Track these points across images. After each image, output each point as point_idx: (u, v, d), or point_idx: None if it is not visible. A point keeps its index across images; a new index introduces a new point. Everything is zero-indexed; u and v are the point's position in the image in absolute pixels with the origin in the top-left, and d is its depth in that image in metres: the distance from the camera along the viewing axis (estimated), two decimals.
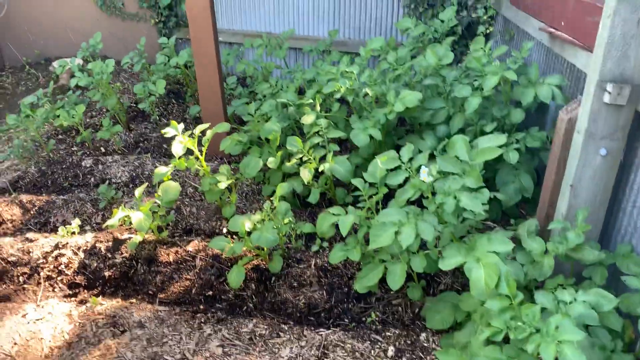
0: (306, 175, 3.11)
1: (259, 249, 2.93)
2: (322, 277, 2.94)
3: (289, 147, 3.27)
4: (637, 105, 2.42)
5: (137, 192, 3.07)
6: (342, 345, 2.54)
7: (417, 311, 2.80)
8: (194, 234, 3.41)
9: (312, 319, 2.78)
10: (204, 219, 3.46)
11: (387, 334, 2.64)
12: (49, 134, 4.70)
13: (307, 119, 3.40)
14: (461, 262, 2.21)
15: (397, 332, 2.65)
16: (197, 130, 3.25)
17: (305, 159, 3.24)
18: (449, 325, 2.58)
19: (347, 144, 4.24)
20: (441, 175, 2.45)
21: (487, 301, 2.03)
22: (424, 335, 2.63)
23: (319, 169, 3.14)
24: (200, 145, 3.33)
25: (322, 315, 2.80)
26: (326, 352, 2.50)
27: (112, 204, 3.55)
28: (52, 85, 4.46)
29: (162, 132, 3.27)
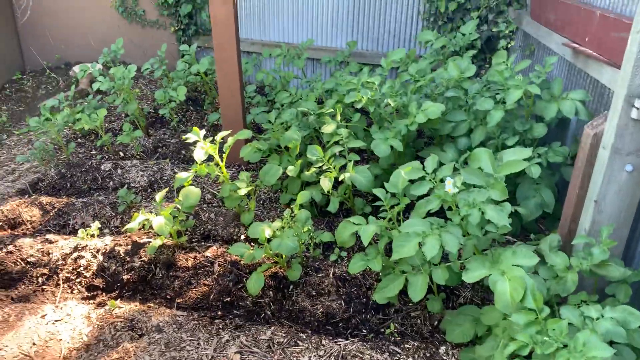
0: (326, 184, 3.11)
1: (277, 256, 2.93)
2: (340, 286, 2.93)
3: (309, 156, 3.27)
4: None
5: (158, 196, 3.08)
6: (361, 356, 2.52)
7: (436, 324, 2.78)
8: (212, 240, 3.41)
9: (330, 329, 2.76)
10: (222, 225, 3.46)
11: (406, 346, 2.62)
12: (68, 137, 4.74)
13: (328, 128, 3.41)
14: (485, 275, 2.19)
15: (416, 344, 2.62)
16: (219, 136, 3.26)
17: (325, 167, 3.24)
18: (470, 339, 2.56)
19: (364, 154, 4.24)
20: (465, 187, 2.43)
21: (513, 315, 2.00)
22: (443, 348, 2.61)
23: (339, 179, 3.14)
24: (220, 151, 3.35)
25: (340, 325, 2.79)
26: None
27: (131, 208, 3.56)
28: (73, 89, 4.51)
29: (184, 137, 3.29)
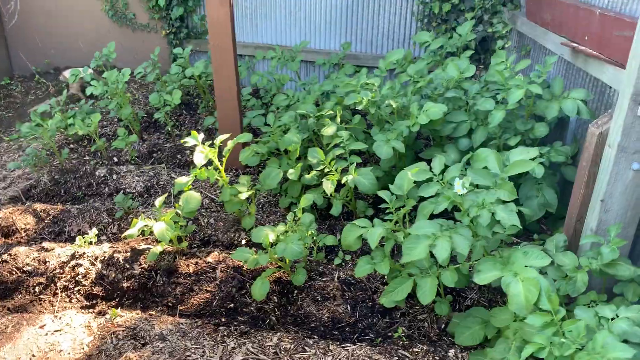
0: (329, 187, 3.07)
1: (281, 261, 2.88)
2: (345, 290, 2.89)
3: (310, 159, 3.23)
4: None
5: (158, 202, 3.02)
6: None
7: (443, 327, 2.75)
8: (212, 245, 3.36)
9: (336, 334, 2.72)
10: (222, 230, 3.40)
11: (415, 349, 2.58)
12: (60, 143, 4.66)
13: (328, 131, 3.37)
14: (498, 277, 2.17)
15: (424, 348, 2.59)
16: (218, 140, 3.21)
17: (326, 170, 3.20)
18: (479, 341, 2.53)
19: (363, 156, 4.20)
20: (471, 187, 2.41)
21: (528, 317, 1.98)
22: (452, 351, 2.57)
23: (342, 181, 3.10)
24: (220, 155, 3.29)
25: (347, 329, 2.74)
26: None
27: (128, 214, 3.49)
28: (65, 93, 4.42)
29: (182, 141, 3.23)
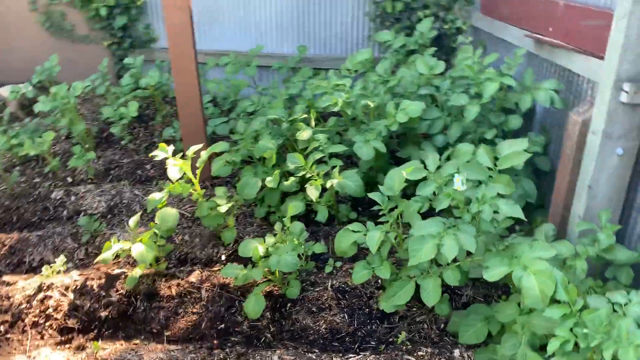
0: (313, 192, 2.96)
1: (271, 274, 2.74)
2: (340, 299, 2.79)
3: (289, 164, 3.11)
4: None
5: (132, 221, 2.81)
6: None
7: (442, 327, 2.70)
8: (190, 263, 3.17)
9: (336, 345, 2.61)
10: (199, 246, 3.22)
11: (420, 353, 2.51)
12: (5, 165, 4.30)
13: (304, 135, 3.26)
14: (507, 272, 2.13)
15: (429, 350, 2.52)
16: (190, 151, 3.04)
17: (308, 175, 3.08)
18: (483, 339, 2.48)
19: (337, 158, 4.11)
20: (470, 183, 2.37)
21: (546, 310, 1.95)
22: (457, 351, 2.52)
23: (326, 185, 3.00)
24: (193, 167, 3.11)
25: (347, 339, 2.64)
26: None
27: (95, 237, 3.24)
28: (8, 112, 4.08)
29: (151, 155, 3.04)
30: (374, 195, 2.65)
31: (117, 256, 2.90)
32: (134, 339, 2.65)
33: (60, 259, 2.87)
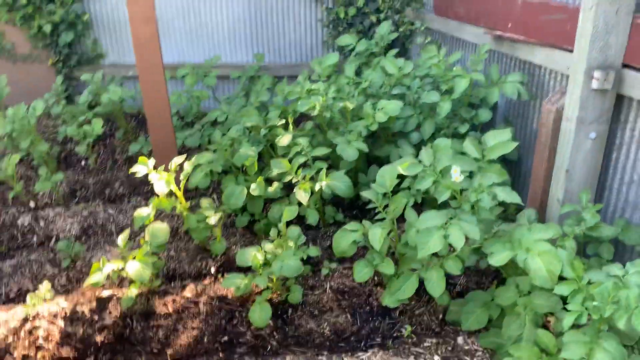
0: (302, 196, 2.97)
1: (270, 281, 2.72)
2: (340, 299, 2.80)
3: (275, 170, 3.10)
4: (618, 88, 2.63)
5: (121, 240, 2.71)
6: None
7: (441, 317, 2.77)
8: (179, 279, 3.09)
9: (343, 345, 2.63)
10: (187, 261, 3.15)
11: (426, 344, 2.57)
12: None
13: (284, 140, 3.27)
14: (511, 256, 2.22)
15: (433, 340, 2.59)
16: (173, 164, 2.97)
17: (295, 180, 3.09)
18: (484, 324, 2.57)
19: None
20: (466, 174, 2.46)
21: (555, 287, 2.05)
22: (460, 338, 2.60)
23: (315, 188, 3.01)
24: (177, 180, 3.05)
25: (352, 339, 2.66)
26: None
27: (75, 262, 3.10)
28: None
29: (130, 171, 2.95)
30: (367, 193, 2.69)
31: (109, 277, 2.79)
32: None
33: (44, 286, 2.73)
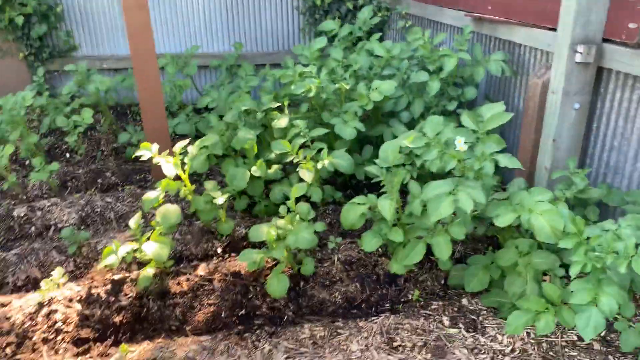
0: (306, 175, 3.07)
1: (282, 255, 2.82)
2: (349, 270, 2.93)
3: (275, 152, 3.19)
4: (599, 62, 2.84)
5: (133, 222, 2.76)
6: (402, 326, 2.57)
7: (443, 282, 2.93)
8: (186, 260, 3.16)
9: (355, 312, 2.76)
10: (193, 243, 3.21)
11: (433, 307, 2.73)
12: None
13: (281, 122, 3.36)
14: (515, 217, 2.40)
15: (440, 303, 2.75)
16: (178, 147, 3.03)
17: (296, 160, 3.19)
18: (486, 285, 2.75)
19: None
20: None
21: (560, 242, 2.23)
22: (464, 300, 2.77)
23: (318, 167, 3.12)
24: (182, 164, 3.10)
25: (363, 306, 2.80)
26: (391, 336, 2.51)
27: (81, 248, 3.12)
28: None
29: (133, 156, 2.99)
30: (372, 168, 2.82)
31: (125, 259, 2.83)
32: (155, 338, 2.62)
33: (58, 271, 2.75)
